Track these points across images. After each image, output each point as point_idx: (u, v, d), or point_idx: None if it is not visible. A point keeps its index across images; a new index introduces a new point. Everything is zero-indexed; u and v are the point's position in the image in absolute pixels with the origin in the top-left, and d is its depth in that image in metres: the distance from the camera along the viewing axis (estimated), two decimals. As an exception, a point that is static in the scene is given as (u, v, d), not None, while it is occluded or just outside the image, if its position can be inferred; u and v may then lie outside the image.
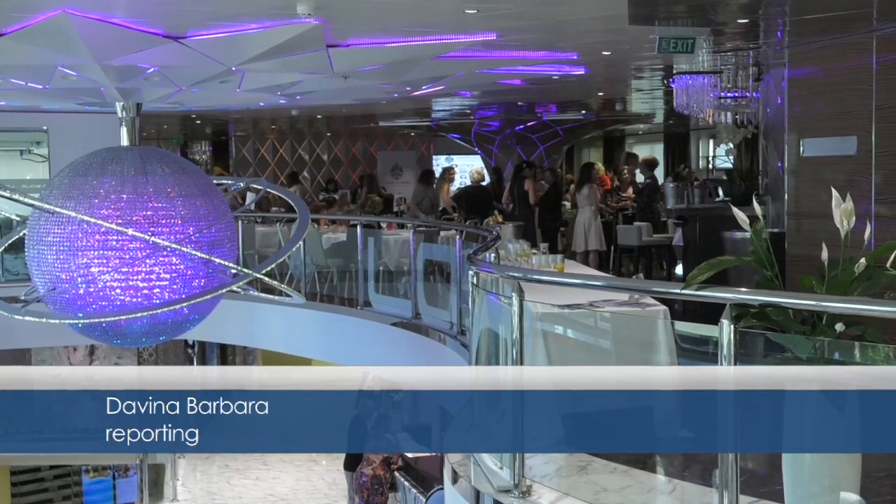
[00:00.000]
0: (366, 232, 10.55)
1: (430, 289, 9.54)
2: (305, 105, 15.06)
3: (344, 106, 15.67)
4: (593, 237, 13.32)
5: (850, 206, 3.41)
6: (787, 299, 3.26)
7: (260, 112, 16.97)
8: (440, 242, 10.26)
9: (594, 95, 15.51)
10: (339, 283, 11.46)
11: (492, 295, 5.10)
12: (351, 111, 17.22)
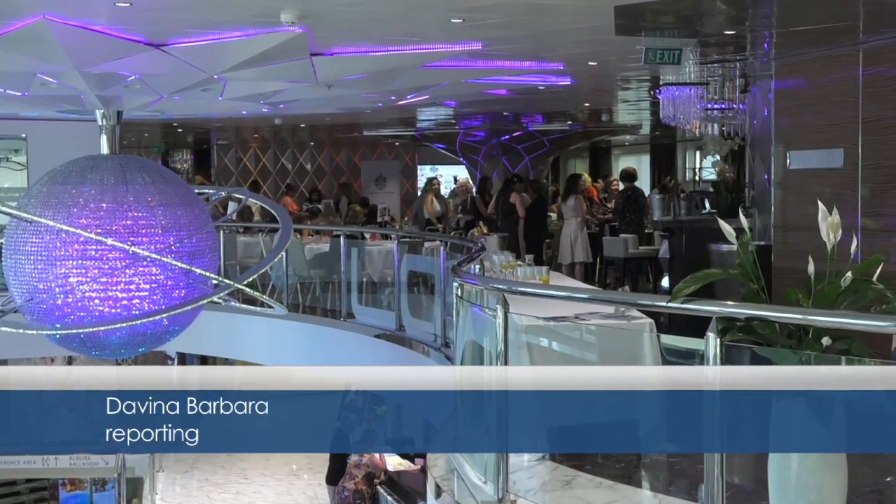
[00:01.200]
0: (349, 243, 10.54)
1: (414, 300, 9.53)
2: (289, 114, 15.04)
3: (328, 115, 15.66)
4: (579, 249, 13.35)
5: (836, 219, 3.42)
6: (774, 313, 3.27)
7: (242, 121, 16.94)
8: (424, 254, 10.26)
9: (580, 106, 15.56)
10: (322, 294, 11.43)
11: (476, 307, 5.09)
12: (335, 120, 17.22)
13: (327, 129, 20.37)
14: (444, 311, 8.06)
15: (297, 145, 23.84)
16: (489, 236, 11.04)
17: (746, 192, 10.25)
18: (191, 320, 6.83)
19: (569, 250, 13.27)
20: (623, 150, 27.37)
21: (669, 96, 10.40)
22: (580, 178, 14.22)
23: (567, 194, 13.48)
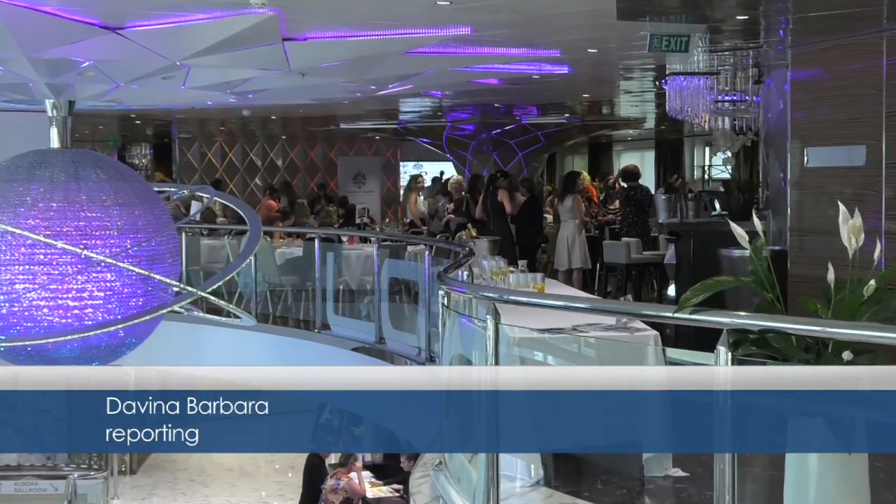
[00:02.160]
0: (324, 246, 10.53)
1: (396, 310, 9.51)
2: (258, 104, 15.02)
3: (301, 106, 15.65)
4: (577, 254, 13.36)
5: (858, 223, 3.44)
6: (790, 324, 3.28)
7: (207, 112, 16.91)
8: (407, 259, 10.26)
9: (578, 97, 15.59)
10: (294, 303, 11.41)
11: (464, 317, 5.09)
12: (309, 112, 17.20)
13: (301, 122, 20.35)
14: (429, 321, 8.05)
15: (268, 139, 23.81)
16: (478, 240, 11.05)
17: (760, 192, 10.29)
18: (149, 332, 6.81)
19: (566, 255, 13.29)
20: (625, 146, 27.45)
21: (676, 87, 10.43)
22: (579, 176, 14.24)
23: (564, 194, 13.50)
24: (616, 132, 23.39)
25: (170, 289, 6.55)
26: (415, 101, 15.59)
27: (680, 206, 12.16)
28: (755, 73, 10.04)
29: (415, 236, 13.29)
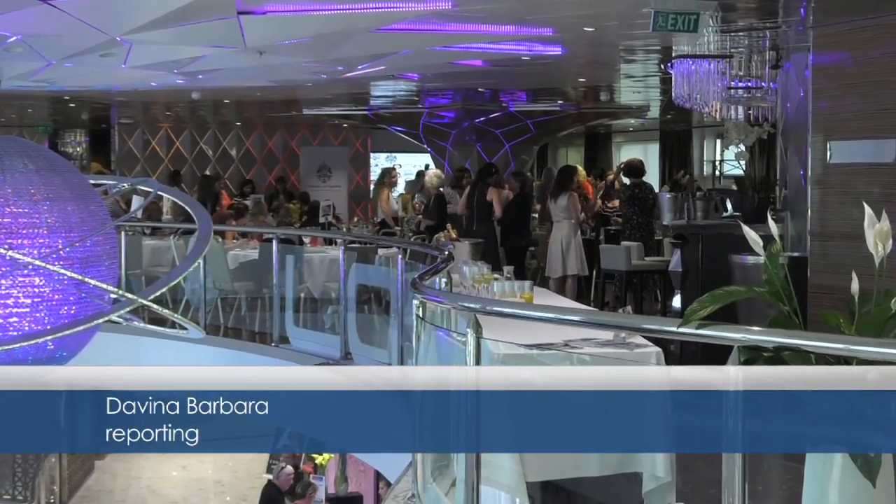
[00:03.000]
0: (283, 248, 10.51)
1: (365, 322, 9.50)
2: (210, 87, 14.99)
3: (258, 89, 15.62)
4: (573, 259, 13.38)
5: (886, 227, 3.46)
6: (809, 341, 3.30)
7: (151, 94, 16.87)
8: (377, 263, 10.25)
9: (574, 82, 15.63)
10: (249, 312, 11.38)
11: (441, 331, 5.08)
12: (267, 96, 17.18)
13: (258, 107, 20.32)
14: (402, 335, 8.05)
15: (220, 126, 23.76)
16: (459, 242, 11.05)
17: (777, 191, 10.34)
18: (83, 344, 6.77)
19: (559, 260, 13.30)
20: (626, 138, 27.54)
21: (684, 71, 10.48)
22: (576, 171, 14.25)
23: (559, 191, 13.49)
24: (616, 122, 23.46)
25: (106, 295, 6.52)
26: (387, 84, 15.58)
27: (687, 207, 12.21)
28: (772, 56, 10.09)
29: (386, 238, 13.28)
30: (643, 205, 13.44)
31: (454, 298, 5.12)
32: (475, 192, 13.82)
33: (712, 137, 24.52)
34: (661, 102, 18.62)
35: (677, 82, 10.61)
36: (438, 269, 6.54)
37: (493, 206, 13.61)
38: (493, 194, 13.67)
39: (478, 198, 13.74)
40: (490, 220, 13.68)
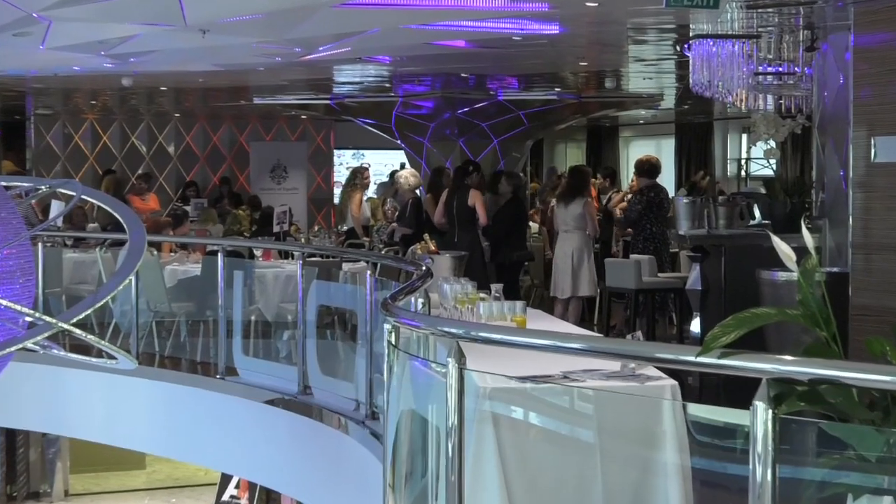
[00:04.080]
0: (231, 263, 10.50)
1: (327, 350, 9.49)
2: (144, 72, 14.98)
3: (201, 74, 15.62)
4: (586, 277, 13.40)
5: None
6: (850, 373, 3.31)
7: (74, 81, 16.84)
8: (342, 280, 10.26)
9: (574, 66, 15.67)
10: (190, 339, 11.37)
11: (418, 360, 5.08)
12: (212, 82, 17.17)
13: (200, 96, 20.31)
14: (371, 365, 8.05)
15: (156, 118, 23.72)
16: (438, 255, 11.05)
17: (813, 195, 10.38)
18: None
19: (569, 278, 13.30)
20: (635, 132, 27.61)
21: (703, 54, 10.52)
22: (589, 173, 14.28)
23: (572, 195, 13.48)
24: (623, 113, 23.52)
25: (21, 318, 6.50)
26: (354, 68, 15.59)
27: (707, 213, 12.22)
28: (807, 36, 10.13)
29: (353, 250, 13.28)
30: (658, 211, 13.46)
31: (433, 322, 5.12)
32: (454, 196, 13.80)
33: (737, 132, 24.60)
34: (677, 91, 18.68)
35: (695, 67, 10.65)
36: (414, 287, 6.54)
37: (477, 212, 13.57)
38: (476, 198, 13.65)
39: (457, 203, 13.72)
40: (474, 228, 13.67)
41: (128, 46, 11.75)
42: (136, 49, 12.03)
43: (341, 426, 8.34)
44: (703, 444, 4.28)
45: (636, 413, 4.88)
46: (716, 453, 4.18)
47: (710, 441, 4.17)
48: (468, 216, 13.64)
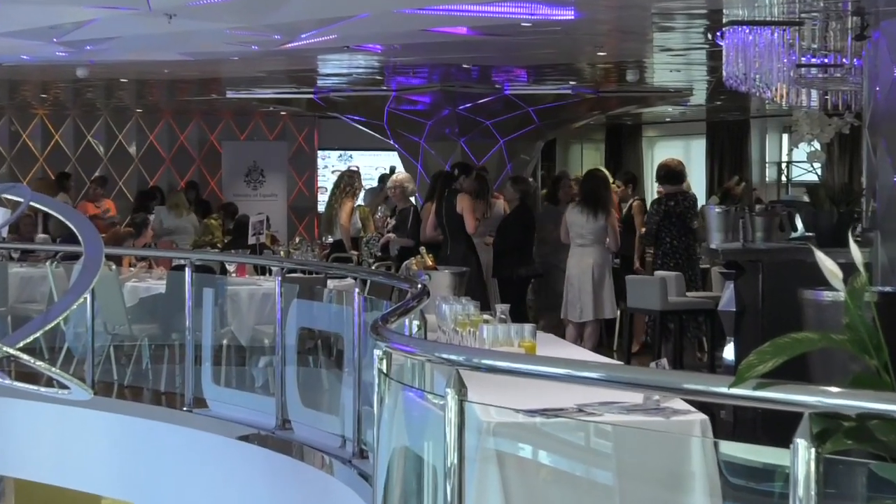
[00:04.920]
0: (199, 279, 10.51)
1: (309, 379, 9.48)
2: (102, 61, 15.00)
3: (167, 65, 15.65)
4: (608, 296, 13.40)
5: None
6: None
7: (22, 71, 16.87)
8: (326, 299, 10.26)
9: (591, 56, 15.70)
10: (153, 365, 11.37)
11: (413, 391, 5.09)
12: (179, 73, 17.20)
13: (166, 89, 20.33)
14: (360, 397, 8.06)
15: (115, 114, 23.75)
16: (436, 271, 11.06)
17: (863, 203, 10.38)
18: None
19: (589, 299, 13.29)
20: (661, 132, 27.65)
21: (738, 43, 10.54)
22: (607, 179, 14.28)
23: (595, 205, 13.45)
24: (647, 110, 23.55)
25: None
26: (341, 58, 15.62)
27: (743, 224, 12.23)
28: (856, 23, 10.15)
29: (339, 265, 13.29)
30: (682, 222, 13.46)
31: (430, 347, 5.12)
32: (442, 205, 13.81)
33: (776, 132, 24.64)
34: (708, 85, 18.71)
35: (729, 57, 10.67)
36: (409, 307, 6.54)
37: (465, 219, 13.54)
38: (463, 202, 13.63)
39: (446, 212, 13.71)
40: (467, 239, 13.66)
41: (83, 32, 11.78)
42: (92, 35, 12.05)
43: (325, 466, 8.33)
44: (736, 488, 4.28)
45: (661, 451, 4.88)
46: (751, 498, 4.18)
47: (744, 484, 4.18)
48: (459, 225, 13.62)
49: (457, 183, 13.92)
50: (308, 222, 24.75)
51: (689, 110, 23.94)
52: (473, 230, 13.61)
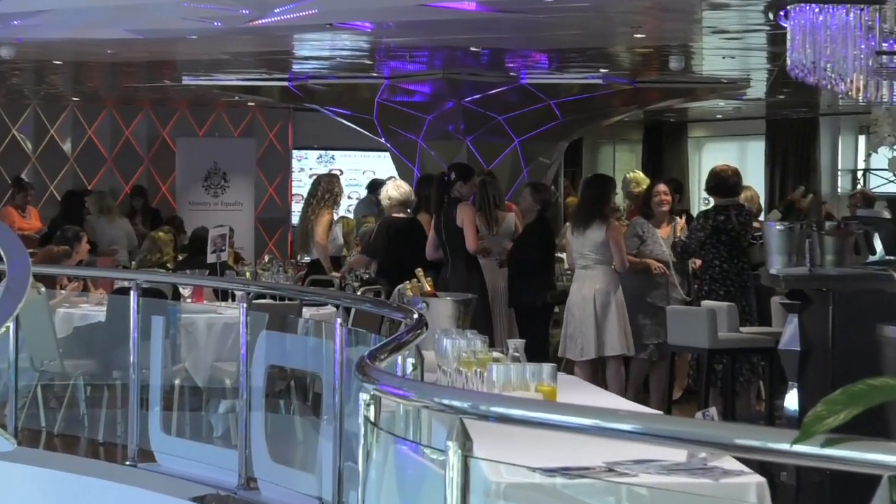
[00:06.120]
0: (148, 305, 10.53)
1: (280, 428, 9.50)
2: (31, 39, 15.03)
3: (111, 44, 15.68)
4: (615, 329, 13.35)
5: None
6: None
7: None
8: (301, 331, 10.28)
9: (627, 39, 15.73)
10: (90, 410, 11.38)
11: (406, 444, 5.10)
12: (125, 55, 17.23)
13: (109, 73, 20.37)
14: (341, 450, 8.07)
15: (47, 104, 23.80)
16: (436, 298, 11.07)
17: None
18: None
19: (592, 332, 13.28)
20: (711, 131, 27.70)
21: (806, 25, 10.56)
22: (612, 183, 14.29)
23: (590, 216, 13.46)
24: (694, 105, 23.60)
25: None
26: (322, 38, 15.65)
27: (810, 245, 12.26)
28: (949, 2, 10.19)
29: (318, 290, 13.30)
30: (734, 241, 13.47)
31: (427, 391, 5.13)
32: (440, 218, 13.71)
33: (851, 133, 24.69)
34: (769, 75, 18.74)
35: (795, 42, 10.69)
36: (402, 342, 6.56)
37: (466, 235, 13.45)
38: (465, 213, 13.55)
39: (445, 225, 13.64)
40: (471, 259, 13.60)
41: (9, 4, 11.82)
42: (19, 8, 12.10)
43: (298, 535, 8.36)
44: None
45: (708, 522, 4.91)
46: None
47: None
48: (460, 241, 13.56)
49: (453, 189, 13.84)
50: (280, 237, 24.77)
51: (744, 106, 23.97)
52: (474, 248, 13.50)
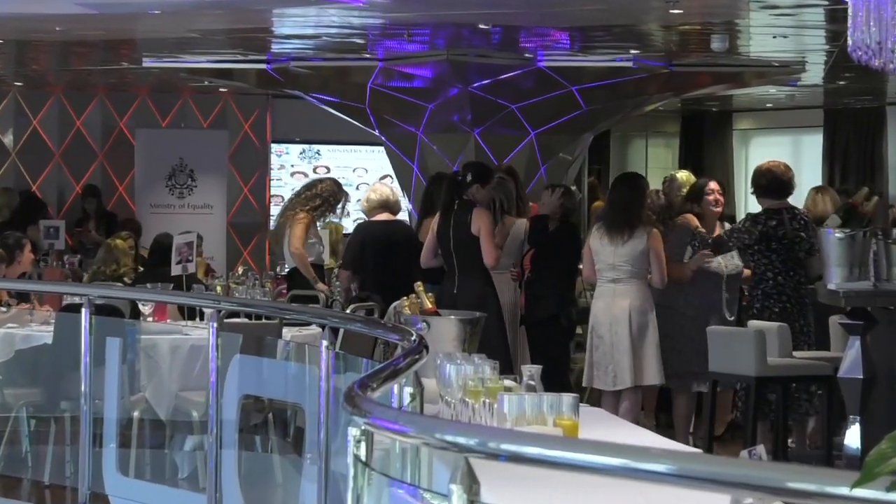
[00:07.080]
0: (102, 325, 10.55)
1: (256, 467, 9.53)
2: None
3: (60, 19, 15.72)
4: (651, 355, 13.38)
5: None
6: None
7: None
8: (281, 355, 10.30)
9: (661, 15, 15.76)
10: (35, 446, 11.41)
11: (402, 486, 5.11)
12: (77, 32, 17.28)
13: (57, 54, 20.43)
14: (327, 493, 8.09)
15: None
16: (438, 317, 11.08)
17: None
18: None
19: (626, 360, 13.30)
20: (760, 123, 27.72)
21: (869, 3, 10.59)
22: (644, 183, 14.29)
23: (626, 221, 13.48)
24: (741, 92, 23.62)
25: None
26: (306, 13, 15.69)
27: (875, 256, 12.28)
28: None
29: (300, 307, 13.32)
30: (788, 250, 13.48)
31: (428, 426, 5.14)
32: (449, 222, 13.62)
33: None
34: (828, 57, 18.77)
35: (858, 19, 10.73)
36: (398, 368, 6.57)
37: (483, 246, 13.35)
38: (482, 221, 13.45)
39: (455, 233, 13.57)
40: (485, 273, 13.56)
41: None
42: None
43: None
44: None
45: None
46: None
47: None
48: (474, 252, 13.46)
49: (468, 192, 13.76)
50: (256, 245, 24.75)
51: (799, 93, 23.99)
52: (494, 263, 13.40)
